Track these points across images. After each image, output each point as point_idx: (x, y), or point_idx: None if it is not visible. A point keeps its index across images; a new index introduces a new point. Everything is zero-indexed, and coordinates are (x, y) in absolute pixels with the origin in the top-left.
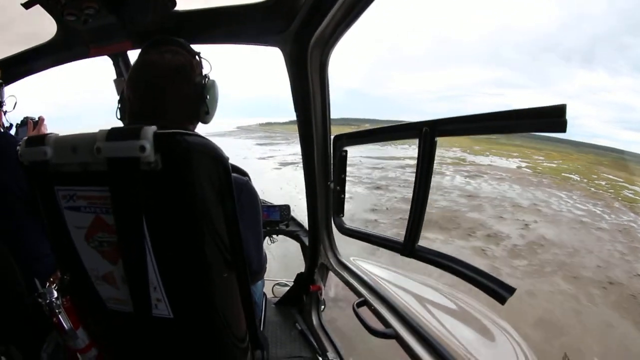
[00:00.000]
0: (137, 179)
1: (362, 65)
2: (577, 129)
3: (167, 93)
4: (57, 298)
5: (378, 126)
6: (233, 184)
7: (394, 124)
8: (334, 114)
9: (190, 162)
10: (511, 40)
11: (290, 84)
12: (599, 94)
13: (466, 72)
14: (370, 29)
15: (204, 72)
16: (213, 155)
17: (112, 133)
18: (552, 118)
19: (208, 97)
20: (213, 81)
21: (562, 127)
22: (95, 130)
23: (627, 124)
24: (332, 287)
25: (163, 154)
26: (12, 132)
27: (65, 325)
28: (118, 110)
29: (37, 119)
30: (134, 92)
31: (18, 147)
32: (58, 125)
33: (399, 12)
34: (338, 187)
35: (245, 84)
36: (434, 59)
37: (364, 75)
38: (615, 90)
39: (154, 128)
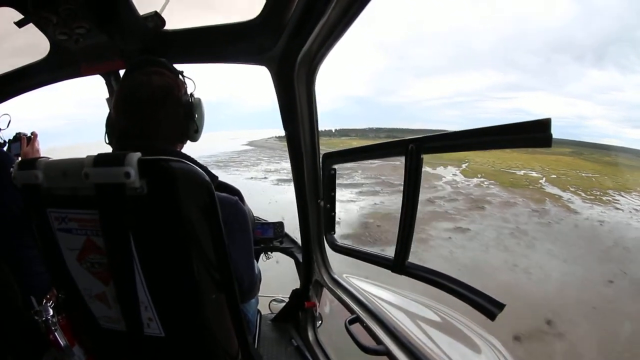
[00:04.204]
0: (123, 203)
1: (372, 73)
2: (586, 129)
3: (156, 114)
4: (52, 316)
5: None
6: (222, 204)
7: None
8: (349, 124)
9: (175, 187)
10: (523, 42)
11: (278, 102)
12: (610, 93)
13: (476, 77)
14: (378, 36)
15: (189, 91)
16: (197, 181)
17: (99, 159)
18: (537, 133)
19: (196, 115)
20: (199, 99)
21: (547, 142)
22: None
23: (636, 123)
24: (328, 304)
25: (148, 180)
26: (5, 149)
27: (61, 343)
28: (106, 136)
29: (30, 134)
30: (123, 114)
31: (12, 170)
32: (66, 140)
33: (408, 18)
34: (328, 205)
35: (254, 91)
36: (444, 64)
37: (373, 84)
38: (627, 89)
39: (138, 154)
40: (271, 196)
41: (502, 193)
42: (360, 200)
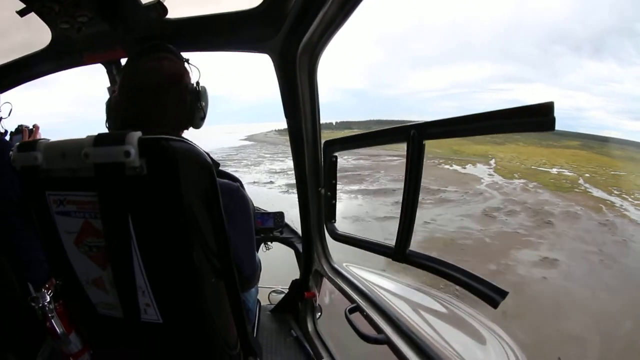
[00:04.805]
0: (123, 184)
1: (369, 66)
2: (584, 120)
3: (165, 100)
4: (49, 302)
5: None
6: (222, 189)
7: None
8: (347, 117)
9: (175, 167)
10: (520, 33)
11: (280, 90)
12: (608, 84)
13: (473, 68)
14: (374, 26)
15: (194, 78)
16: (199, 162)
17: (99, 139)
18: (539, 117)
19: (203, 103)
20: (204, 87)
21: (550, 125)
22: None
23: (635, 114)
24: (327, 294)
25: (148, 160)
26: (7, 139)
27: (58, 330)
28: (107, 122)
29: (31, 127)
30: (128, 98)
31: (11, 153)
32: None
33: (404, 9)
34: (329, 193)
35: (249, 84)
36: (440, 55)
37: (370, 76)
38: (625, 81)
39: (138, 133)
40: (283, 211)
41: (555, 199)
42: None
